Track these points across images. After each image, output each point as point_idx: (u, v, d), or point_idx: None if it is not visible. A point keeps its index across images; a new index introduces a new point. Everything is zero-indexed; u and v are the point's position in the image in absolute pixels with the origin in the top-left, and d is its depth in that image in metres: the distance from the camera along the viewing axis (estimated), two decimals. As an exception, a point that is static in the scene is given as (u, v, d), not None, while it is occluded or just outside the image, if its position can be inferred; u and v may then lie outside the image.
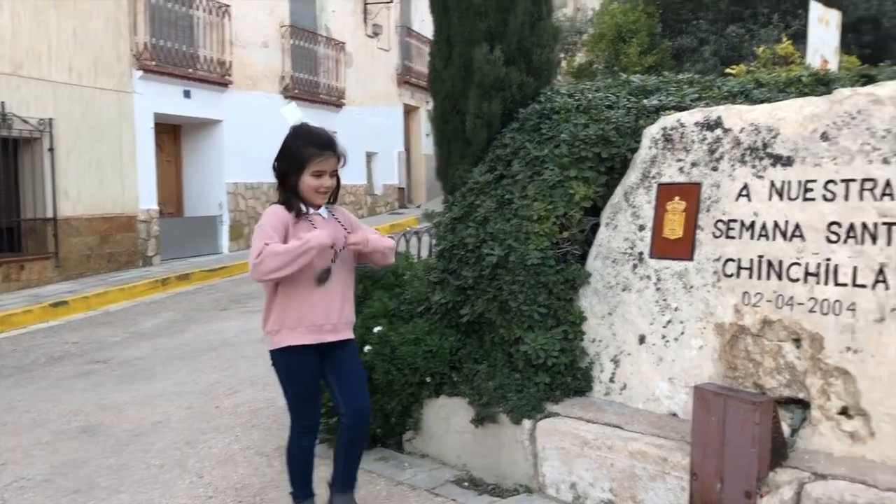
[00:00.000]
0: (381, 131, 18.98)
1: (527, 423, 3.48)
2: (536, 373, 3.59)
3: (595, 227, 3.85)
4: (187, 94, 13.01)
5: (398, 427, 4.01)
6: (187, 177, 14.16)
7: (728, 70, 6.84)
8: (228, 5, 13.75)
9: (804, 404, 2.99)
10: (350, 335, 3.12)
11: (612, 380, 3.58)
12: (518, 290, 3.66)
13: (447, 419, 3.82)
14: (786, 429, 2.94)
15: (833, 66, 5.11)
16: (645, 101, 3.98)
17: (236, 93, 14.07)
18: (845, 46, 10.89)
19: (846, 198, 2.91)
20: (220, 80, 13.67)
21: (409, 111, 21.09)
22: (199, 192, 14.02)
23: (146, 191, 12.25)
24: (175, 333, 7.83)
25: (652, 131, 3.67)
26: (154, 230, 12.44)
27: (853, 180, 2.90)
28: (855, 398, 2.81)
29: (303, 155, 2.91)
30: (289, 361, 3.01)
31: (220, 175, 13.95)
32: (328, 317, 2.99)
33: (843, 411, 2.86)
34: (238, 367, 6.24)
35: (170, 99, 12.62)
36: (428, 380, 3.85)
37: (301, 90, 15.74)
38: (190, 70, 12.97)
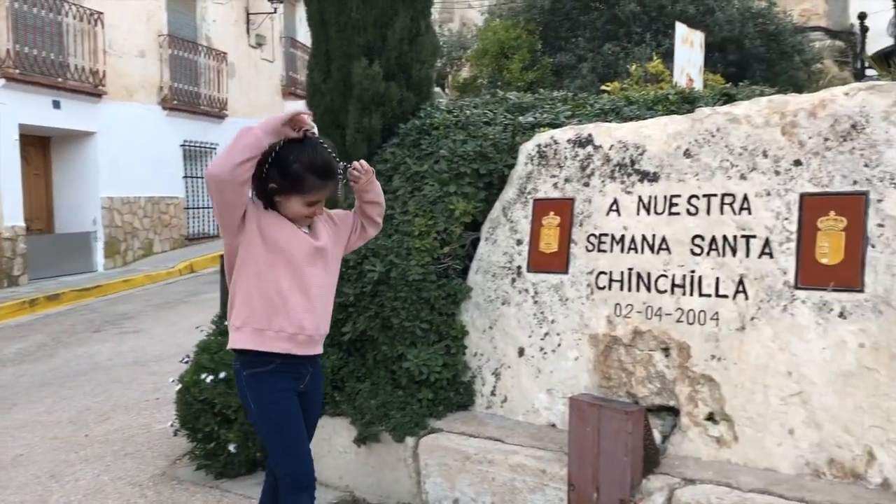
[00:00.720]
0: (266, 144, 18.56)
1: (410, 440, 3.46)
2: (419, 389, 3.58)
3: (475, 242, 3.88)
4: (57, 105, 12.34)
5: (279, 450, 3.90)
6: (58, 191, 13.41)
7: (603, 87, 7.08)
8: (101, 13, 13.15)
9: (674, 411, 3.10)
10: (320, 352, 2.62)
11: (493, 393, 3.61)
12: (400, 307, 3.64)
13: (329, 440, 3.74)
14: (657, 436, 3.04)
15: (698, 84, 5.37)
16: (521, 118, 4.05)
17: (111, 104, 13.46)
18: (712, 65, 11.50)
19: (708, 212, 3.05)
20: (92, 90, 13.04)
21: (295, 123, 20.72)
22: (72, 208, 13.30)
23: (11, 206, 11.52)
24: (42, 358, 7.37)
25: (527, 148, 3.74)
26: (20, 248, 11.70)
27: (714, 195, 3.04)
28: (720, 404, 2.94)
29: (301, 183, 2.41)
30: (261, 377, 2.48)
31: (94, 189, 13.29)
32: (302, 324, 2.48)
33: (710, 417, 2.98)
34: (111, 392, 5.93)
35: (37, 109, 11.93)
36: (309, 400, 3.76)
37: (181, 101, 15.23)
38: (59, 79, 12.31)
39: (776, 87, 4.99)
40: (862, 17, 13.51)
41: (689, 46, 5.29)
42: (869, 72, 11.68)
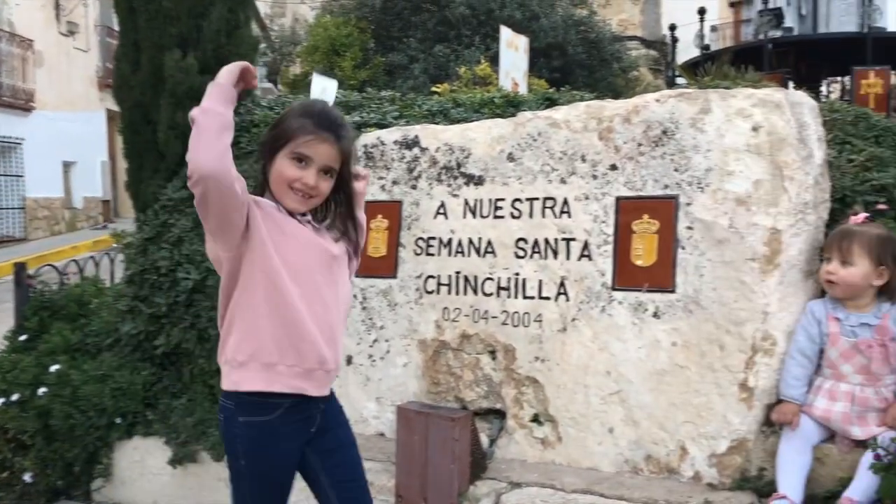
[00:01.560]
0: (80, 138, 17.26)
1: (230, 458, 3.24)
2: (241, 403, 3.37)
3: (300, 246, 3.71)
4: None
5: (84, 476, 3.56)
6: None
7: (434, 88, 7.10)
8: None
9: (502, 414, 3.10)
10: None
11: (320, 404, 3.47)
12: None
13: (142, 462, 3.45)
14: (485, 440, 3.03)
15: (523, 88, 5.47)
16: (347, 118, 3.93)
17: None
18: (537, 70, 11.88)
19: (531, 215, 3.07)
20: None
21: (112, 117, 19.41)
22: None
23: None
24: None
25: (353, 148, 3.62)
26: None
27: (536, 199, 3.06)
28: (544, 405, 2.97)
29: (287, 128, 1.91)
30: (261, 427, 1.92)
31: None
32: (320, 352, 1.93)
33: (535, 418, 3.00)
34: None
35: None
36: (118, 420, 3.46)
37: (-21, 91, 13.86)
38: None
39: (596, 93, 5.18)
40: (672, 28, 14.47)
41: (514, 50, 5.38)
42: (680, 80, 12.51)
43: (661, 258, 2.78)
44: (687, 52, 14.94)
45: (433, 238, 3.27)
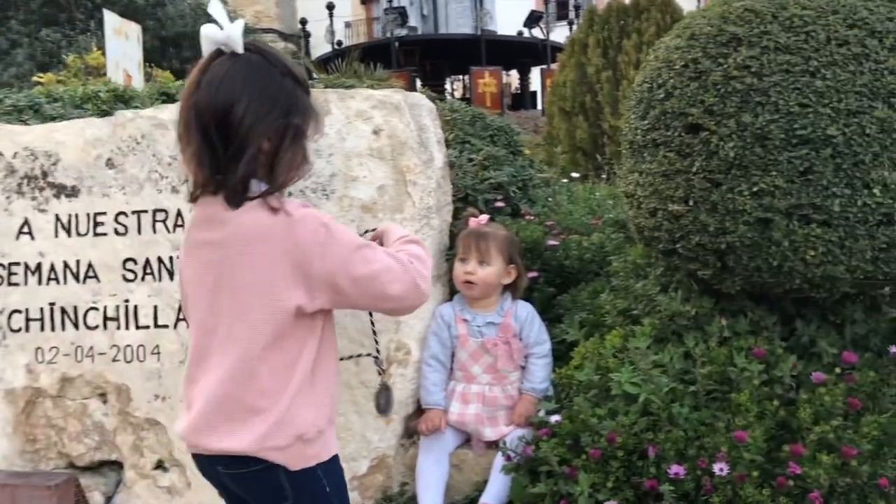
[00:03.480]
0: None
1: None
2: None
3: None
4: None
5: None
6: None
7: (37, 77, 6.17)
8: None
9: (119, 465, 2.66)
10: None
11: None
12: None
13: None
14: (99, 499, 2.57)
15: (137, 81, 4.91)
16: None
17: None
18: (168, 61, 11.09)
19: (139, 231, 2.65)
20: None
21: None
22: None
23: None
24: None
25: None
26: None
27: (145, 211, 2.65)
28: (168, 449, 2.59)
29: (308, 104, 1.60)
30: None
31: None
32: None
33: (160, 465, 2.62)
34: None
35: None
36: None
37: None
38: None
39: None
40: (303, 22, 14.44)
41: (123, 39, 4.80)
42: (315, 76, 12.56)
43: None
44: (323, 47, 15.07)
45: (16, 264, 2.68)
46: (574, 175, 5.45)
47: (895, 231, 1.98)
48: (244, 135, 1.46)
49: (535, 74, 15.24)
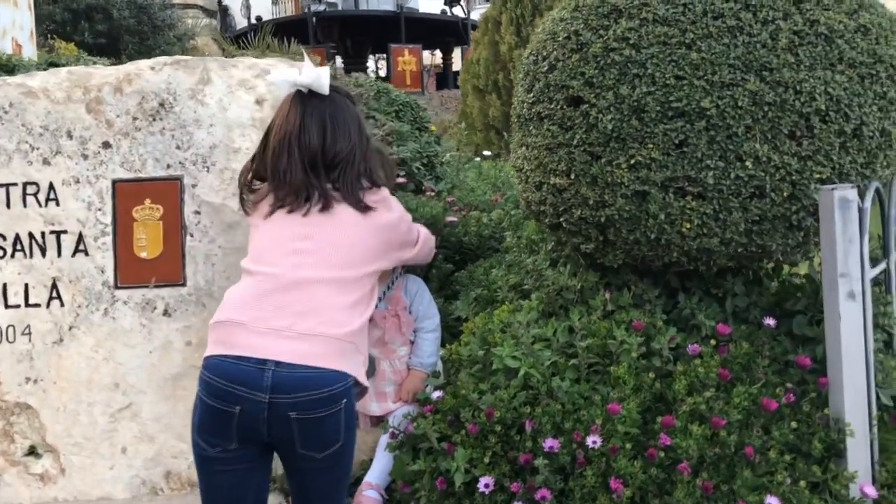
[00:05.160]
0: None
1: None
2: None
3: None
4: None
5: None
6: None
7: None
8: None
9: (-12, 452, 2.52)
10: None
11: None
12: None
13: None
14: (-34, 488, 2.43)
15: (28, 51, 4.66)
16: None
17: None
18: (79, 34, 10.64)
19: (8, 205, 2.50)
20: None
21: None
22: None
23: None
24: None
25: None
26: None
27: (14, 184, 2.50)
28: (41, 434, 2.47)
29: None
30: None
31: None
32: None
33: (32, 451, 2.49)
34: None
35: None
36: None
37: None
38: None
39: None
40: (220, -3, 14.05)
41: (12, 6, 4.53)
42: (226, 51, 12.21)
43: (168, 248, 2.45)
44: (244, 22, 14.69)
45: None
46: (486, 153, 5.43)
47: (767, 204, 2.00)
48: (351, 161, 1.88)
49: (458, 54, 15.18)
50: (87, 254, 2.48)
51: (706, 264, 2.15)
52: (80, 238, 2.48)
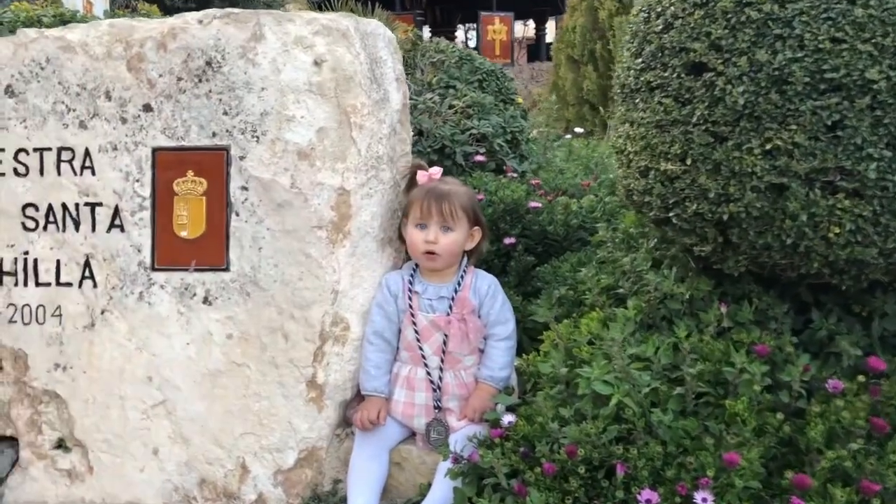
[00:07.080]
0: None
1: None
2: None
3: None
4: None
5: None
6: None
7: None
8: None
9: (15, 442, 2.31)
10: None
11: None
12: None
13: None
14: (-10, 480, 2.23)
15: (99, 8, 4.48)
16: None
17: None
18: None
19: (42, 172, 2.26)
20: None
21: None
22: None
23: None
24: None
25: None
26: None
27: (48, 149, 2.25)
28: (69, 426, 2.23)
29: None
30: None
31: None
32: None
33: (60, 444, 2.27)
34: None
35: None
36: None
37: None
38: None
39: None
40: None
41: (85, -40, 4.36)
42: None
43: (211, 228, 2.16)
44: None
45: None
46: (578, 130, 4.99)
47: (946, 207, 1.55)
48: None
49: (551, 25, 14.53)
50: (122, 230, 2.21)
51: (854, 278, 1.71)
52: (117, 212, 2.21)
